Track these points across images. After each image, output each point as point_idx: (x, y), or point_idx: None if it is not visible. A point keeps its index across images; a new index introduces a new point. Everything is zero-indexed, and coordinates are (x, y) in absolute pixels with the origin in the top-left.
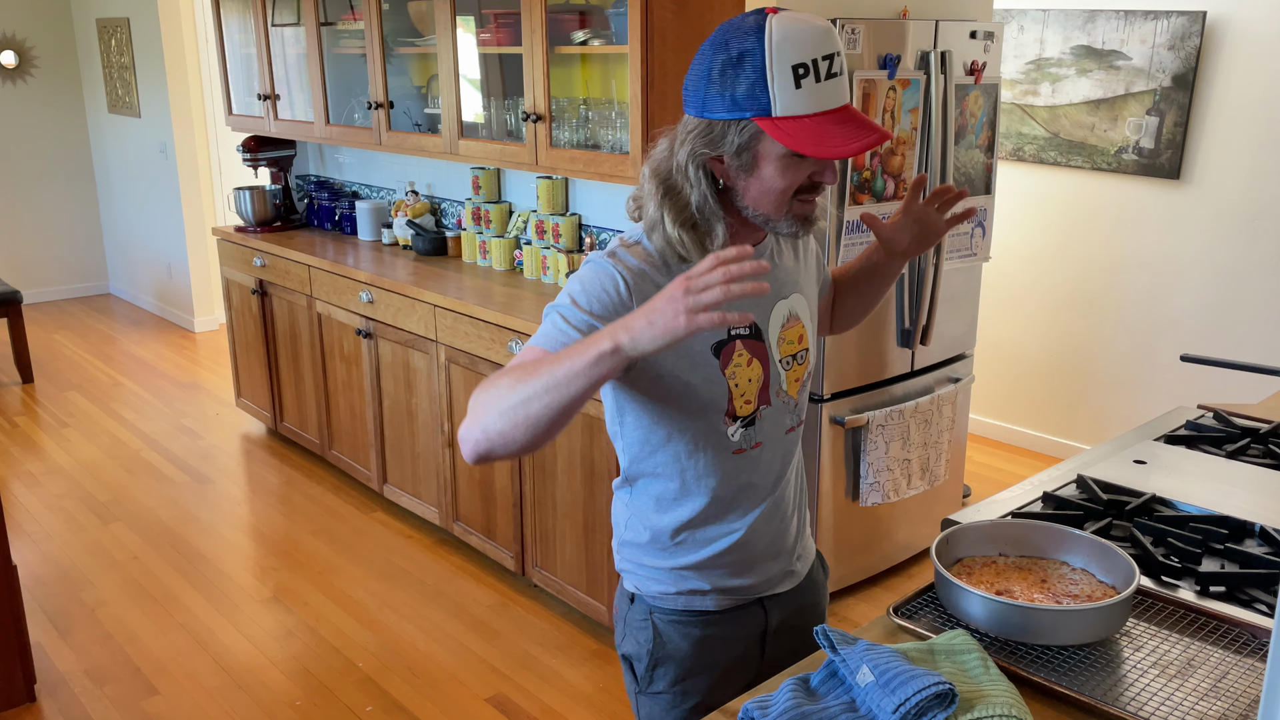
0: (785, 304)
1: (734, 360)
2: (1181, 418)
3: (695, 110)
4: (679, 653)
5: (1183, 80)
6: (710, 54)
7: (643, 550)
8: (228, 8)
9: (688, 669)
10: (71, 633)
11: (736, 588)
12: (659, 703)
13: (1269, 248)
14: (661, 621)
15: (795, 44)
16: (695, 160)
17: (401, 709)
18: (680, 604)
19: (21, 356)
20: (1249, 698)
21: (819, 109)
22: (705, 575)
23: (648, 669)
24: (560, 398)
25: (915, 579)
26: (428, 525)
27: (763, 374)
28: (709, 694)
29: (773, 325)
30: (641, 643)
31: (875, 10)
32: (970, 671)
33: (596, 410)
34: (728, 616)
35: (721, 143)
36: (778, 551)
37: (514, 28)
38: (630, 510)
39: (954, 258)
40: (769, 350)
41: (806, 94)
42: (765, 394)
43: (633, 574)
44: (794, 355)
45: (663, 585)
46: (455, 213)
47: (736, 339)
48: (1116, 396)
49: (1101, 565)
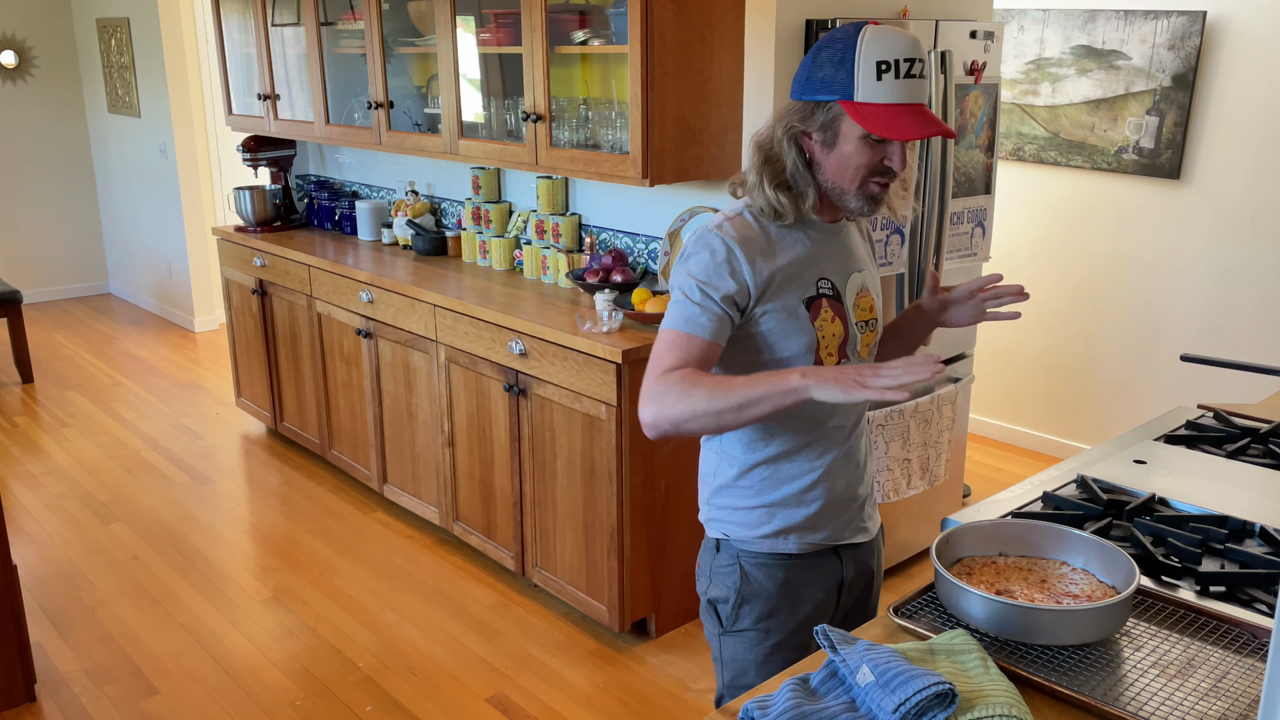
0: (859, 276)
1: (821, 315)
2: (1181, 418)
3: (795, 94)
4: (764, 591)
5: (1183, 80)
6: (816, 50)
7: (731, 492)
8: (228, 8)
9: (771, 608)
10: (71, 633)
11: (815, 528)
12: (742, 641)
13: (1269, 248)
14: (748, 564)
15: (882, 44)
16: (789, 133)
17: (401, 709)
18: (765, 547)
19: (21, 356)
20: (1249, 698)
21: (895, 100)
22: (789, 514)
23: (734, 607)
24: (749, 415)
25: (915, 579)
26: (428, 525)
27: (843, 331)
28: (791, 634)
29: (849, 292)
30: (729, 585)
31: (875, 10)
32: (970, 671)
33: (597, 410)
34: (808, 562)
35: (810, 120)
36: (850, 499)
37: (514, 28)
38: (720, 455)
39: (954, 258)
40: (847, 313)
41: (885, 86)
42: (844, 349)
43: (721, 521)
44: (866, 322)
45: (750, 527)
46: (455, 212)
47: (823, 297)
48: (1116, 396)
49: (1101, 565)
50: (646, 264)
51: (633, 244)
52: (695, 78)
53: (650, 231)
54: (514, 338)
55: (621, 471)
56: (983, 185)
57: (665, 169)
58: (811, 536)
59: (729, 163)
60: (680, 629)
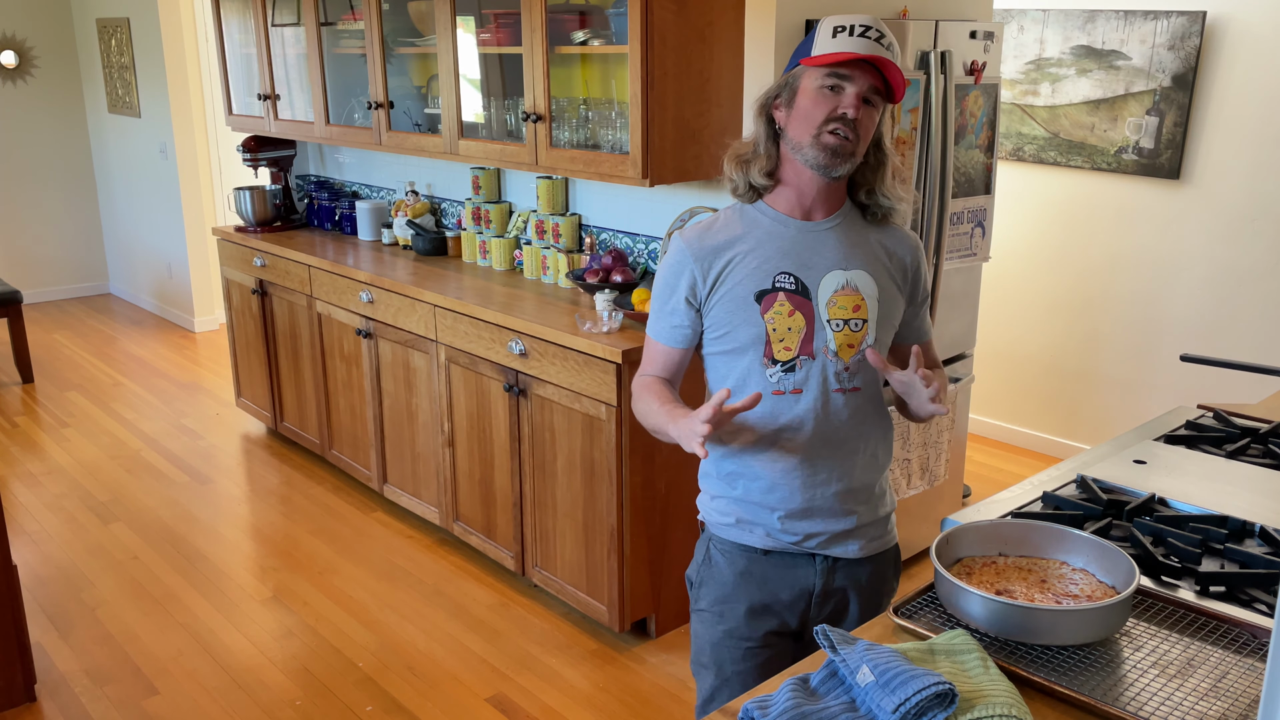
0: (843, 274)
1: (774, 308)
2: (1181, 418)
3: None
4: (721, 576)
5: (1182, 80)
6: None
7: (709, 480)
8: (228, 8)
9: (726, 594)
10: (71, 633)
11: (783, 530)
12: (703, 620)
13: (1269, 248)
14: (715, 549)
15: (839, 17)
16: (761, 109)
17: (401, 709)
18: (733, 535)
19: (21, 356)
20: (1249, 698)
21: (848, 50)
22: (753, 509)
23: (696, 587)
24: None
25: (915, 579)
26: (428, 525)
27: (805, 326)
28: (744, 623)
29: (823, 288)
30: (699, 564)
31: (875, 10)
32: (970, 671)
33: (597, 410)
34: (775, 559)
35: (779, 92)
36: (829, 510)
37: (514, 28)
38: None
39: (954, 258)
40: (815, 308)
41: (840, 41)
42: (808, 346)
43: (703, 505)
44: (846, 320)
45: (721, 515)
46: (455, 213)
47: (780, 290)
48: (1116, 396)
49: (1101, 565)
50: (646, 264)
51: (633, 244)
52: (695, 78)
53: (650, 231)
54: (514, 338)
55: (621, 471)
56: (982, 185)
57: (665, 169)
58: (777, 536)
59: None
60: (680, 629)
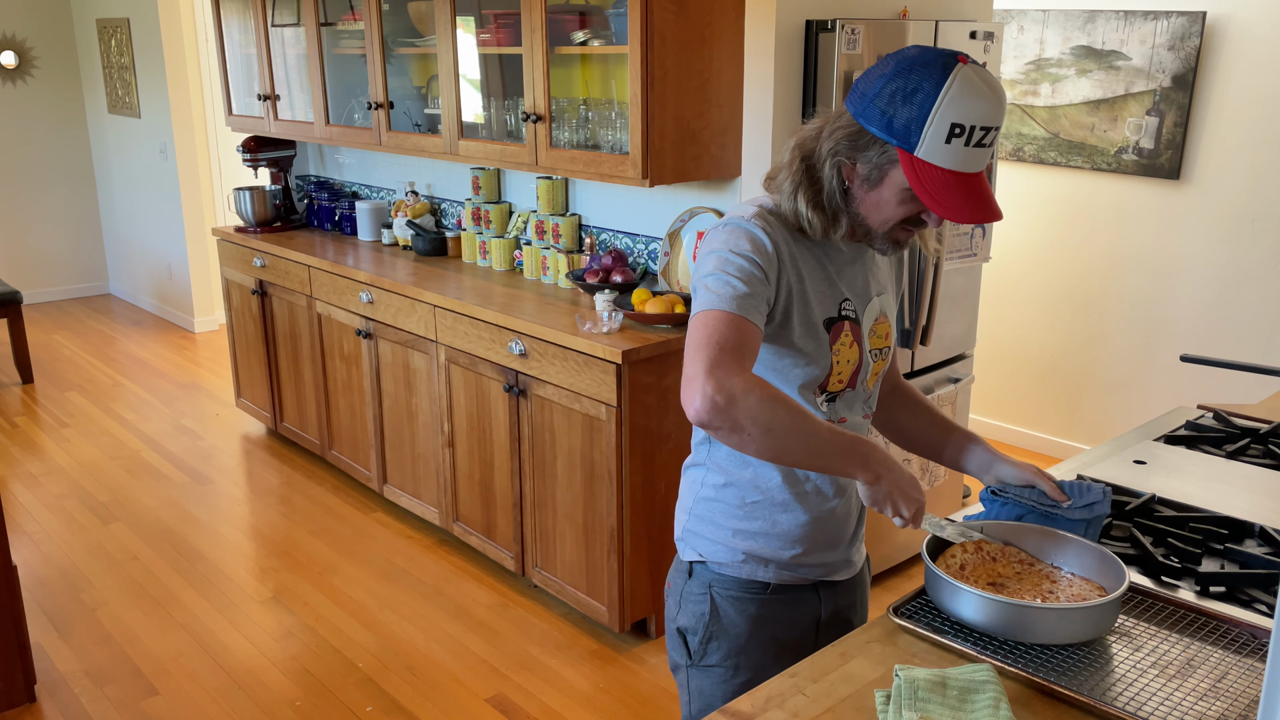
0: (878, 301)
1: (840, 339)
2: (1181, 418)
3: (855, 111)
4: (734, 627)
5: (1183, 80)
6: (893, 74)
7: (714, 505)
8: (228, 8)
9: (742, 644)
10: (71, 633)
11: (796, 564)
12: (711, 676)
13: (1269, 248)
14: (720, 596)
15: (965, 106)
16: (834, 158)
17: (401, 709)
18: (743, 573)
19: (21, 357)
20: (1249, 698)
21: (956, 168)
22: (769, 539)
23: (702, 641)
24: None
25: (915, 579)
26: (428, 525)
27: (858, 359)
28: (761, 671)
29: (866, 318)
30: (698, 615)
31: (875, 10)
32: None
33: (597, 411)
34: (785, 597)
35: (861, 152)
36: (839, 539)
37: (514, 28)
38: (709, 465)
39: (954, 258)
40: (863, 339)
41: (952, 151)
42: (855, 378)
43: (698, 537)
44: (879, 350)
45: (728, 551)
46: (455, 213)
47: (845, 320)
48: (1116, 396)
49: (1095, 567)
50: (646, 264)
51: (633, 244)
52: (695, 78)
53: (650, 232)
54: (514, 338)
55: (621, 472)
56: None
57: (665, 169)
58: (792, 568)
59: (729, 163)
60: None
